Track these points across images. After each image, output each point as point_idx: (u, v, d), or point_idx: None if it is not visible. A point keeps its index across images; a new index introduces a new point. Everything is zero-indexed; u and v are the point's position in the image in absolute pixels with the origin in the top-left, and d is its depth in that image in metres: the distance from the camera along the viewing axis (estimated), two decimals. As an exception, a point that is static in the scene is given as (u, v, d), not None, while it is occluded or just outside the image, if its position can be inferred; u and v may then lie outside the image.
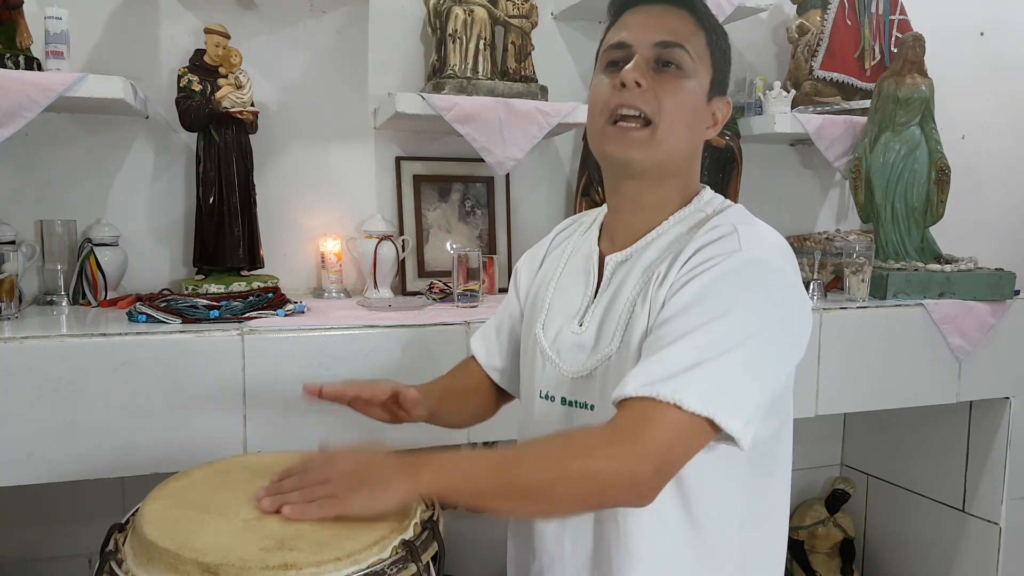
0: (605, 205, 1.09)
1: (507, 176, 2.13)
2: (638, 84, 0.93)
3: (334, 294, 1.94)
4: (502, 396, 1.22)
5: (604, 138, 0.97)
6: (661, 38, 0.94)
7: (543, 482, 0.83)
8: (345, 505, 0.83)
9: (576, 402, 1.00)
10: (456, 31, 1.92)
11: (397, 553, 0.82)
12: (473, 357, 1.22)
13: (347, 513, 0.83)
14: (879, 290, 2.01)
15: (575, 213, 2.09)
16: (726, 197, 1.06)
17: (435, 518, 0.91)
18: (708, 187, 1.04)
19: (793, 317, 0.91)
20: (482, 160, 1.89)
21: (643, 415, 0.83)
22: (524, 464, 0.85)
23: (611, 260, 1.02)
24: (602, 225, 1.09)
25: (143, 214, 1.88)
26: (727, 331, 0.84)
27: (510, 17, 2.00)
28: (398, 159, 2.07)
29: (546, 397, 1.04)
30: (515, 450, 0.89)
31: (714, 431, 0.84)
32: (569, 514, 0.96)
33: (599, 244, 1.06)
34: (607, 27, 1.02)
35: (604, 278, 1.02)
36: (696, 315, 0.86)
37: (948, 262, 2.10)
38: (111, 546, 0.85)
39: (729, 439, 0.85)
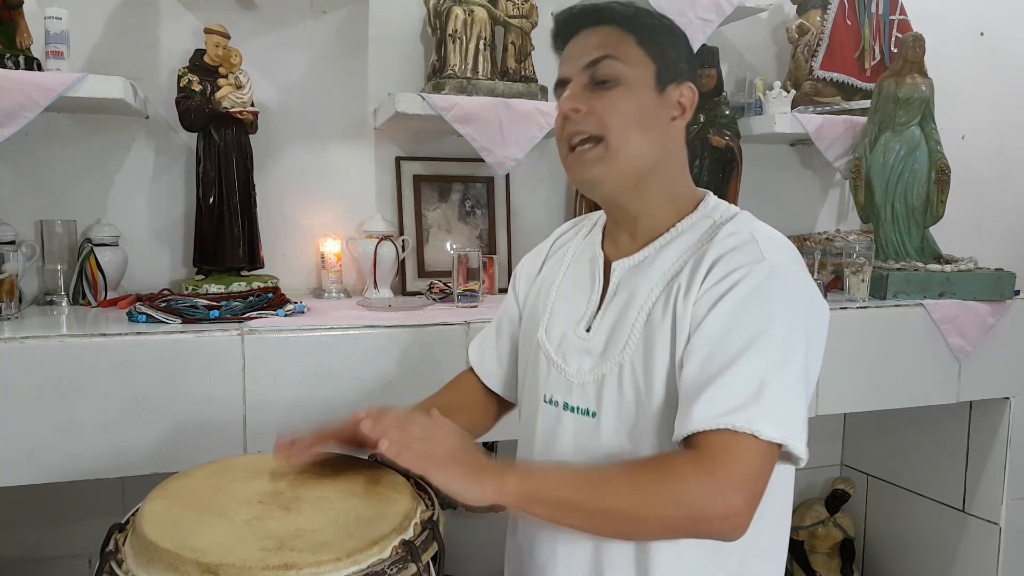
0: None
1: (507, 176, 2.13)
2: (576, 111, 0.96)
3: (334, 294, 1.94)
4: (500, 407, 1.21)
5: (568, 169, 1.00)
6: (589, 57, 0.96)
7: (631, 504, 0.82)
8: (439, 469, 0.82)
9: (577, 408, 0.99)
10: (456, 31, 1.92)
11: (397, 553, 0.82)
12: (469, 370, 1.21)
13: (436, 479, 0.83)
14: (879, 290, 2.01)
15: (575, 213, 2.10)
16: (725, 197, 1.06)
17: (435, 518, 0.91)
18: (711, 192, 1.04)
19: (817, 322, 0.93)
20: (482, 160, 1.89)
21: (723, 446, 0.82)
22: (613, 483, 0.84)
23: (619, 266, 1.01)
24: (604, 229, 1.08)
25: (143, 214, 1.88)
26: (774, 348, 0.85)
27: (510, 17, 2.00)
28: (398, 159, 2.07)
29: (550, 402, 1.03)
30: (603, 468, 0.88)
31: (780, 451, 0.85)
32: (651, 539, 0.93)
33: (602, 248, 1.06)
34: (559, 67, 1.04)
35: (611, 284, 1.01)
36: (741, 334, 0.86)
37: (948, 262, 2.10)
38: (111, 546, 0.85)
39: (787, 456, 0.86)
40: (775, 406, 0.83)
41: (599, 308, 1.01)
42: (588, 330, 1.00)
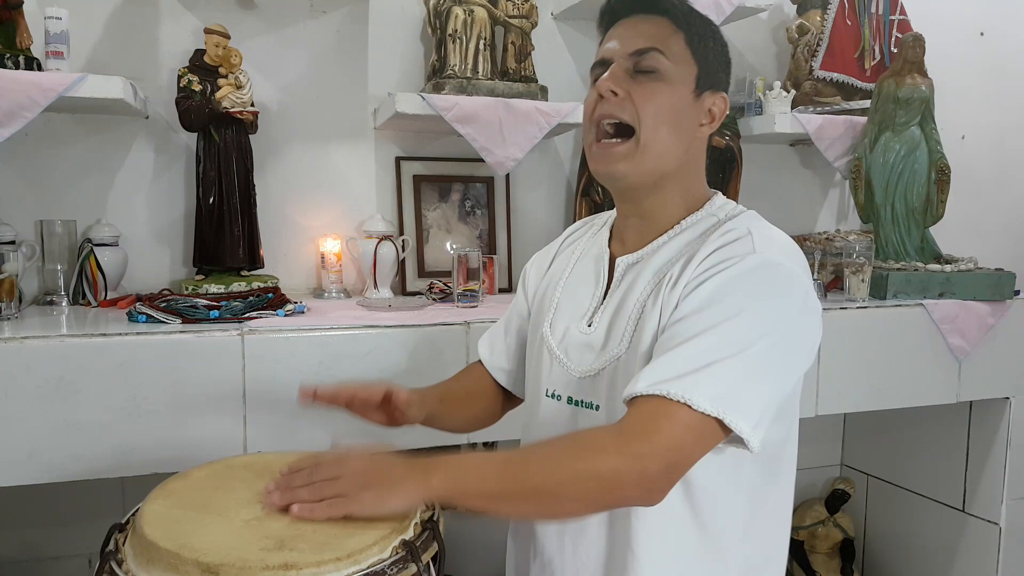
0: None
1: (507, 176, 2.13)
2: (614, 93, 0.95)
3: (334, 294, 1.94)
4: (508, 400, 1.22)
5: (591, 157, 1.00)
6: (637, 46, 0.96)
7: (552, 483, 0.82)
8: (355, 504, 0.82)
9: (582, 402, 1.00)
10: (456, 31, 1.92)
11: (397, 553, 0.82)
12: (479, 361, 1.22)
13: (356, 513, 0.83)
14: (879, 290, 2.01)
15: (575, 213, 2.10)
16: (726, 197, 1.06)
17: (435, 518, 0.91)
18: (720, 193, 1.04)
19: (803, 322, 0.91)
20: (482, 160, 1.89)
21: (652, 413, 0.83)
22: (532, 465, 0.84)
23: (622, 262, 1.02)
24: (612, 227, 1.09)
25: (143, 214, 1.88)
26: (739, 333, 0.85)
27: (510, 17, 2.00)
28: (398, 159, 2.07)
29: (552, 396, 1.04)
30: (524, 451, 0.89)
31: (724, 432, 0.84)
32: (579, 515, 0.94)
33: (610, 246, 1.07)
34: (598, 44, 1.03)
35: (614, 279, 1.02)
36: (709, 316, 0.86)
37: (948, 262, 2.10)
38: (111, 546, 0.85)
39: (739, 441, 0.85)
40: (717, 381, 0.83)
41: (602, 303, 1.02)
42: (590, 325, 1.01)
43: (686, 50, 0.97)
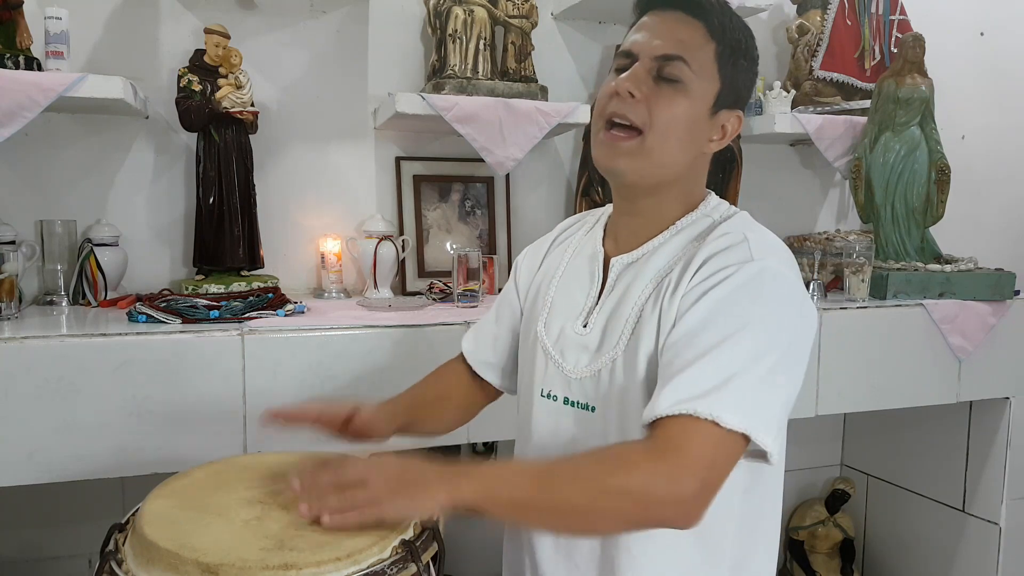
0: (609, 205, 1.09)
1: (507, 176, 2.13)
2: (632, 95, 0.93)
3: (334, 294, 1.94)
4: (485, 396, 1.21)
5: (596, 145, 0.99)
6: (664, 51, 0.94)
7: (582, 498, 0.81)
8: (386, 508, 0.81)
9: (577, 403, 1.00)
10: (456, 31, 1.92)
11: (397, 553, 0.82)
12: (456, 359, 1.21)
13: (387, 517, 0.82)
14: (879, 290, 2.01)
15: (575, 213, 2.10)
16: (725, 197, 1.06)
17: (435, 518, 0.91)
18: (713, 193, 1.04)
19: (803, 327, 0.92)
20: (482, 160, 1.89)
21: (682, 432, 0.82)
22: (564, 478, 0.83)
23: (617, 262, 1.01)
24: (606, 225, 1.08)
25: (143, 214, 1.88)
26: (750, 344, 0.85)
27: (510, 17, 2.00)
28: (398, 159, 2.07)
29: (548, 396, 1.03)
30: (555, 463, 0.86)
31: (746, 445, 0.84)
32: (608, 532, 0.93)
33: (603, 244, 1.06)
34: (630, 25, 1.01)
35: (609, 280, 1.02)
36: (718, 329, 0.86)
37: (948, 262, 2.10)
38: (111, 546, 0.85)
39: (757, 454, 0.85)
40: (741, 396, 0.82)
41: (596, 304, 1.01)
42: (585, 325, 1.01)
43: (713, 64, 0.95)
